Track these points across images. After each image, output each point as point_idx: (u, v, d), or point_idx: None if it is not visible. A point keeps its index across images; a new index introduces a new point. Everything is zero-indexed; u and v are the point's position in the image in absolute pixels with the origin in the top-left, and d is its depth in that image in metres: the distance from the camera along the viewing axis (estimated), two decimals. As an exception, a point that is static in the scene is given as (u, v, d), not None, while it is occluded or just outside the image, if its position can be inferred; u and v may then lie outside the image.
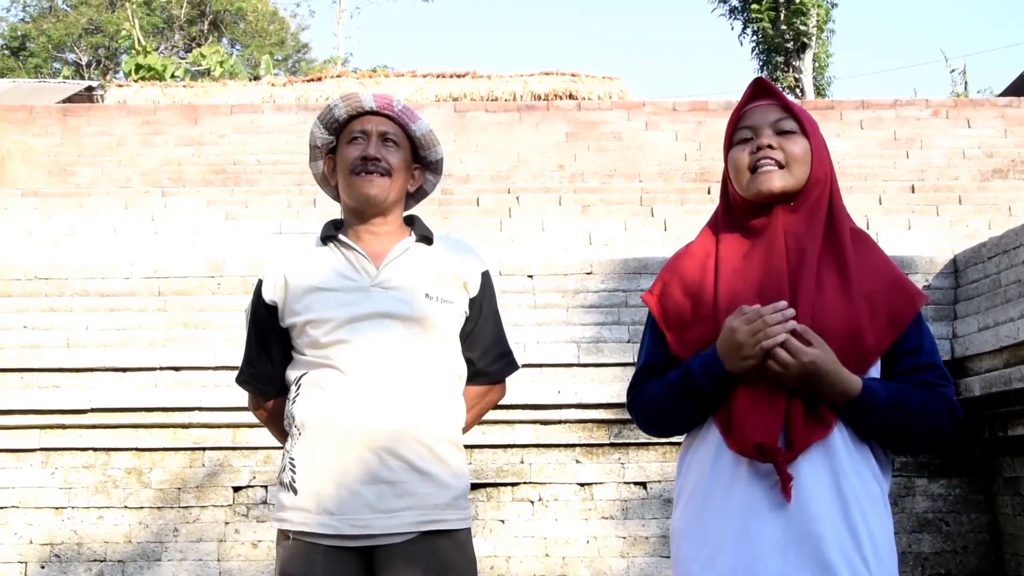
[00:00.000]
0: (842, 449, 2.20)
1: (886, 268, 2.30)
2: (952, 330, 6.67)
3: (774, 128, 2.34)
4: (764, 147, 2.32)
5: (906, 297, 2.27)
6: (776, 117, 2.36)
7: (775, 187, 2.29)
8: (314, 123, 2.85)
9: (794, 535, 2.16)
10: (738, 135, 2.39)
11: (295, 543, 2.64)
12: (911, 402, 2.21)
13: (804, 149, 2.32)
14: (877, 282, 2.27)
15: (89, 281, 7.02)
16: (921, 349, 2.29)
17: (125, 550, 6.52)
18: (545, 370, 6.62)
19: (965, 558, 6.57)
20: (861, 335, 2.22)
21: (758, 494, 2.20)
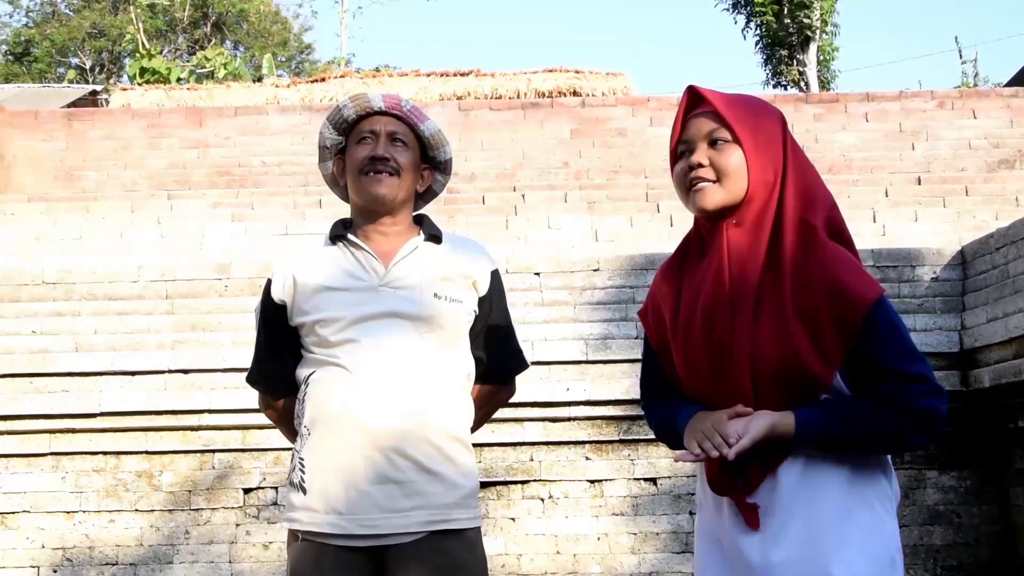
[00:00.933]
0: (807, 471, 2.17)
1: (824, 276, 2.14)
2: (961, 322, 6.66)
3: (707, 140, 2.24)
4: (694, 165, 2.23)
5: (847, 306, 2.11)
6: (709, 128, 2.24)
7: (708, 205, 2.22)
8: (323, 123, 2.85)
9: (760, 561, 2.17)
10: (678, 149, 2.31)
11: (305, 543, 2.65)
12: (861, 422, 2.12)
13: (738, 160, 2.21)
14: (816, 295, 2.14)
15: (97, 285, 7.03)
16: (877, 357, 2.14)
17: (136, 553, 6.53)
18: (553, 367, 6.62)
19: (977, 550, 6.56)
20: (800, 365, 2.13)
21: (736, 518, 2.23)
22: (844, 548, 2.13)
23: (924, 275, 6.90)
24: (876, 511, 2.20)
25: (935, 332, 6.64)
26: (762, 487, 2.18)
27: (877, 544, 2.17)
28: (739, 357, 2.17)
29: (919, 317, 6.70)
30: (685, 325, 2.27)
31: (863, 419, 2.13)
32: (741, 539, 2.20)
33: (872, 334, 2.13)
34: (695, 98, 2.30)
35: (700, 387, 2.28)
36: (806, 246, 2.18)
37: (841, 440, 2.14)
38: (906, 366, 2.15)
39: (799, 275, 2.16)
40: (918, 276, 6.90)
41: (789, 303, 2.15)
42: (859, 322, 2.12)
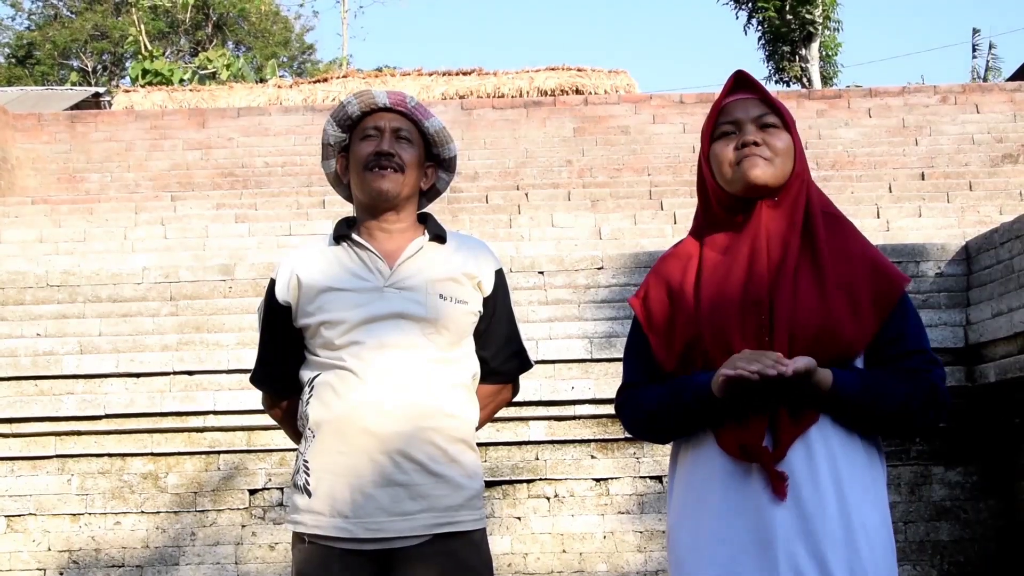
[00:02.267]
0: (829, 441, 2.20)
1: (864, 254, 2.27)
2: (965, 317, 6.64)
3: (757, 123, 2.33)
4: (749, 143, 2.30)
5: (887, 282, 2.24)
6: (758, 112, 2.34)
7: (760, 177, 2.28)
8: (327, 121, 2.84)
9: (787, 532, 2.16)
10: (719, 129, 2.37)
11: (311, 546, 2.64)
12: (889, 392, 2.20)
13: (787, 144, 2.32)
14: (855, 270, 2.24)
15: (101, 287, 7.04)
16: (905, 336, 2.25)
17: (143, 555, 6.53)
18: (558, 366, 6.61)
19: (984, 545, 6.55)
20: (839, 330, 2.20)
21: (750, 493, 2.20)
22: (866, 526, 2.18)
23: (928, 271, 6.89)
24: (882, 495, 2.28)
25: (940, 328, 6.62)
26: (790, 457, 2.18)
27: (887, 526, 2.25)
28: (780, 322, 2.21)
29: (924, 313, 6.68)
30: (710, 304, 2.29)
31: (893, 388, 2.20)
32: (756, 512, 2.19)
33: (904, 313, 2.26)
34: (740, 83, 2.40)
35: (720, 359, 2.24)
36: (837, 230, 2.30)
37: (869, 406, 2.19)
38: (929, 349, 2.29)
39: (837, 252, 2.26)
40: (922, 272, 6.89)
41: (829, 275, 2.23)
42: (895, 300, 2.24)
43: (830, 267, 2.23)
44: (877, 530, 2.20)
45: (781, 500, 2.17)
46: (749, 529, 2.19)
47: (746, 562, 2.18)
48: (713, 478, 2.27)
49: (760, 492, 2.19)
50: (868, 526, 2.18)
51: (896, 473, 6.56)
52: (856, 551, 2.15)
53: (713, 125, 2.38)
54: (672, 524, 2.37)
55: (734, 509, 2.22)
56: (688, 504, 2.33)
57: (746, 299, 2.25)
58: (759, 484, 2.19)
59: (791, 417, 2.18)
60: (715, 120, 2.38)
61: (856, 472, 2.21)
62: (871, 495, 2.22)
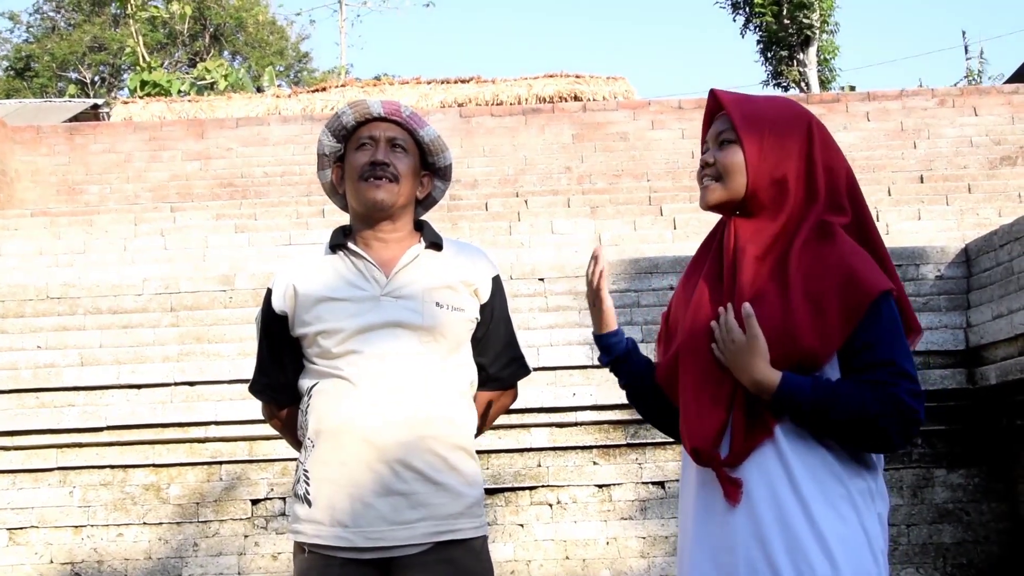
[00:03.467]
0: (791, 450, 2.19)
1: (840, 264, 2.20)
2: (966, 319, 6.64)
3: (716, 141, 2.38)
4: (703, 165, 2.39)
5: (857, 292, 2.18)
6: (720, 129, 2.37)
7: (709, 201, 2.36)
8: (322, 131, 2.84)
9: (744, 537, 2.18)
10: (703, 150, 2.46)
11: (311, 556, 2.64)
12: (845, 401, 2.14)
13: (735, 158, 2.31)
14: (826, 281, 2.19)
15: (101, 299, 7.04)
16: (874, 346, 2.18)
17: (145, 566, 6.53)
18: (559, 373, 6.61)
19: (987, 548, 6.54)
20: (797, 337, 2.18)
21: (717, 497, 2.24)
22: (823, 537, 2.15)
23: (928, 273, 6.89)
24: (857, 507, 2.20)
25: (940, 330, 6.62)
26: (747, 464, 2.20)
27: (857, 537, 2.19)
28: None
29: (924, 316, 6.69)
30: (694, 306, 2.35)
31: (849, 398, 2.15)
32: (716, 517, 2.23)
33: (873, 323, 2.19)
34: (713, 100, 2.41)
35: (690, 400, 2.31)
36: (823, 239, 2.24)
37: (822, 413, 2.16)
38: (899, 360, 2.19)
39: (812, 264, 2.22)
40: (922, 275, 6.89)
41: (796, 286, 2.20)
42: (865, 308, 2.18)
43: (799, 276, 2.21)
44: (844, 540, 2.15)
45: (733, 505, 2.19)
46: (715, 533, 2.23)
47: (711, 567, 2.22)
48: (690, 483, 2.34)
49: (722, 497, 2.23)
50: (828, 535, 2.14)
51: (898, 476, 6.55)
52: (807, 560, 2.12)
53: None
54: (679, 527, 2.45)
55: (703, 514, 2.27)
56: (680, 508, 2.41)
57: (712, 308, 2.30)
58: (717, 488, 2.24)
59: (747, 425, 2.20)
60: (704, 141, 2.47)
61: (820, 482, 2.18)
62: (839, 506, 2.17)
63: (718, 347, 2.24)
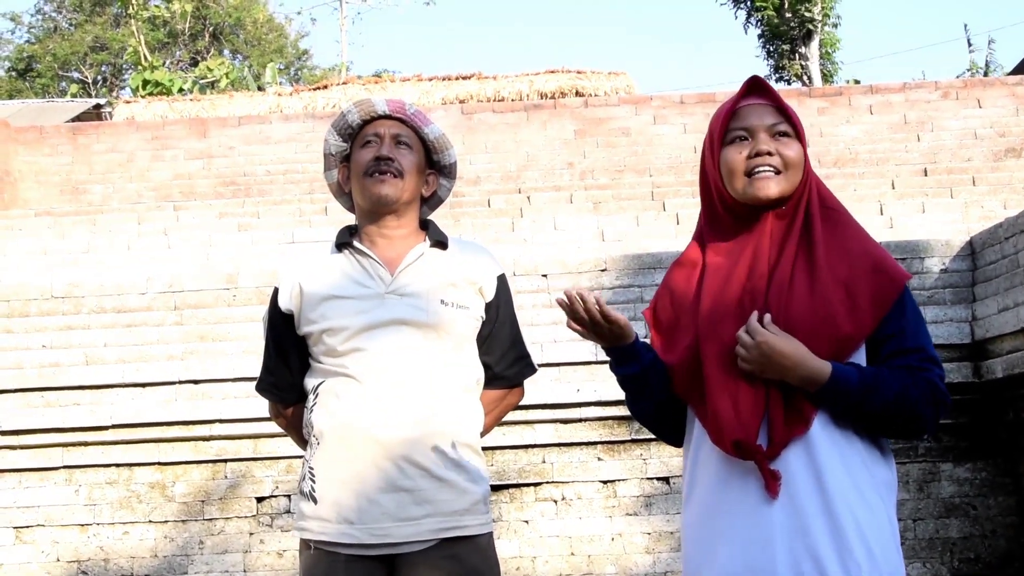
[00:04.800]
0: (826, 440, 2.19)
1: (864, 251, 2.24)
2: (971, 312, 6.63)
3: (770, 132, 2.30)
4: (763, 153, 2.28)
5: (886, 279, 2.21)
6: (773, 120, 2.31)
7: (772, 194, 2.27)
8: (328, 131, 2.85)
9: (784, 530, 2.16)
10: (731, 134, 2.33)
11: (317, 552, 2.65)
12: (887, 387, 2.17)
13: (799, 153, 2.29)
14: (855, 267, 2.22)
15: (105, 298, 7.04)
16: (904, 332, 2.22)
17: (151, 564, 6.53)
18: (563, 369, 6.61)
19: (994, 541, 6.53)
20: (834, 324, 2.19)
21: (749, 490, 2.21)
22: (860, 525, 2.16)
23: (933, 267, 6.88)
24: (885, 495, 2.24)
25: (946, 324, 6.61)
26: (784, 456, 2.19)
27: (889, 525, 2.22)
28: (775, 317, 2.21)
29: (929, 309, 6.67)
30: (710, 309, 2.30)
31: (891, 384, 2.18)
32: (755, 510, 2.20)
33: (902, 310, 2.24)
34: (755, 87, 2.36)
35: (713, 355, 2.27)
36: (837, 227, 2.29)
37: (866, 399, 2.17)
38: (927, 347, 2.25)
39: (836, 250, 2.25)
40: (927, 268, 6.88)
41: (826, 272, 2.22)
42: (893, 297, 2.22)
43: (828, 265, 2.22)
44: (877, 530, 2.17)
45: (774, 498, 2.17)
46: (747, 527, 2.20)
47: (745, 561, 2.19)
48: (711, 477, 2.29)
49: (755, 490, 2.20)
50: (863, 525, 2.15)
51: (905, 470, 6.54)
52: (849, 551, 2.13)
53: (725, 129, 2.34)
54: (682, 523, 2.40)
55: (732, 508, 2.23)
56: (692, 503, 2.35)
57: (743, 298, 2.26)
58: (754, 483, 2.20)
59: (786, 416, 2.19)
60: (727, 124, 2.34)
61: (853, 473, 2.19)
62: (869, 496, 2.19)
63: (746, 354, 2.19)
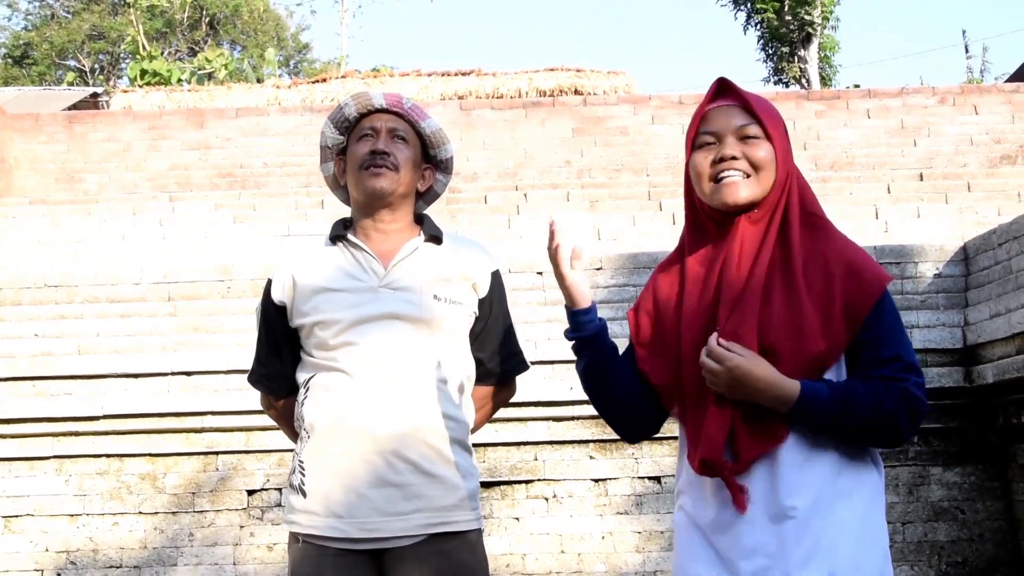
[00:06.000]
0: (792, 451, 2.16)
1: (840, 259, 2.18)
2: (964, 318, 6.64)
3: (737, 134, 2.23)
4: (727, 157, 2.22)
5: (862, 287, 2.16)
6: (740, 123, 2.24)
7: (740, 199, 2.21)
8: (324, 123, 2.85)
9: (758, 542, 2.15)
10: (700, 139, 2.28)
11: (305, 546, 2.65)
12: (860, 403, 2.13)
13: (768, 154, 2.22)
14: (831, 275, 2.17)
15: (99, 288, 7.03)
16: (880, 340, 2.17)
17: (141, 555, 6.53)
18: (557, 367, 6.61)
19: (982, 546, 6.55)
20: (811, 340, 2.15)
21: (720, 505, 2.21)
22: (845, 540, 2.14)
23: (927, 271, 6.89)
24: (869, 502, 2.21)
25: (938, 328, 6.62)
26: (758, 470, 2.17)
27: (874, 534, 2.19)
28: (748, 335, 2.16)
29: (922, 313, 6.69)
30: (688, 320, 2.27)
31: (864, 397, 2.13)
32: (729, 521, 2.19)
33: (879, 318, 2.18)
34: (722, 89, 2.30)
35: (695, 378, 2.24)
36: (816, 232, 2.23)
37: (840, 417, 2.13)
38: (904, 354, 2.19)
39: (812, 258, 2.19)
40: (921, 272, 6.89)
41: (801, 285, 2.17)
42: (871, 304, 2.16)
43: (804, 275, 2.18)
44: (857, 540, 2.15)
45: (741, 513, 2.16)
46: (720, 543, 2.20)
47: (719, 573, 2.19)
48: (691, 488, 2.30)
49: (727, 504, 2.19)
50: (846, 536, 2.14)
51: (894, 474, 6.56)
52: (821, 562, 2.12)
53: (695, 134, 2.30)
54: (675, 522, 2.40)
55: (709, 522, 2.23)
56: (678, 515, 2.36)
57: (717, 310, 2.22)
58: (725, 496, 2.19)
59: (753, 432, 2.16)
60: (696, 128, 2.29)
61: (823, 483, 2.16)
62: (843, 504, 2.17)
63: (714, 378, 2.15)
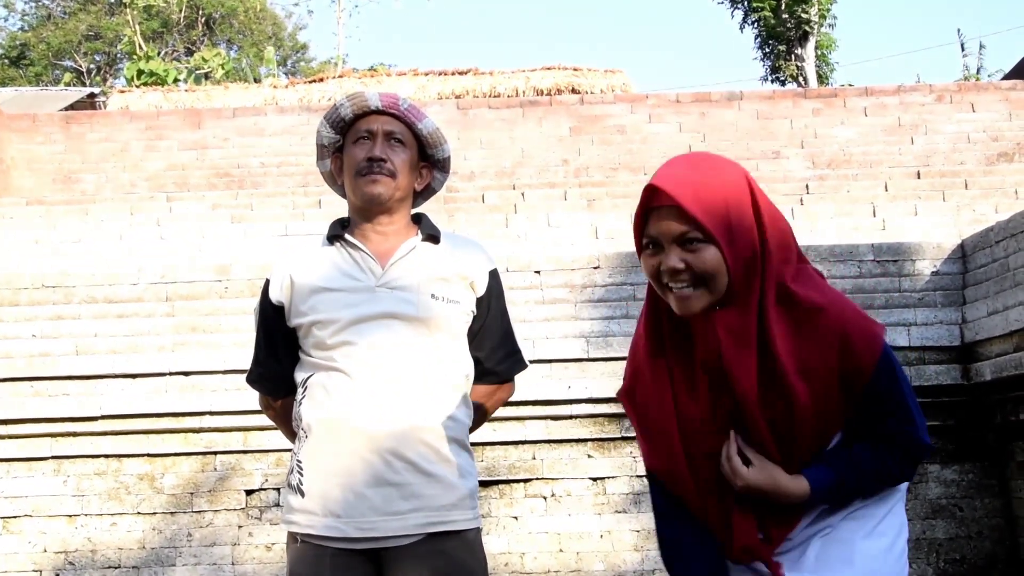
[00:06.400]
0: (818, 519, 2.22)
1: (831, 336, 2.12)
2: (961, 315, 6.65)
3: (678, 242, 2.10)
4: (671, 271, 2.10)
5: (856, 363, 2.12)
6: (679, 230, 2.08)
7: (695, 310, 2.12)
8: (320, 122, 2.85)
9: None
10: (644, 240, 2.17)
11: (304, 545, 2.65)
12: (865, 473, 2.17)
13: (714, 258, 2.09)
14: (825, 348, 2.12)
15: (96, 288, 7.02)
16: (883, 397, 2.16)
17: (139, 556, 6.53)
18: (554, 365, 6.61)
19: (980, 543, 6.56)
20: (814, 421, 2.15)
21: None
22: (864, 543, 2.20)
23: (924, 269, 6.89)
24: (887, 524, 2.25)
25: (936, 326, 6.63)
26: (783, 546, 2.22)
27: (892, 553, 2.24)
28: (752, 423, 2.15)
29: (919, 311, 6.69)
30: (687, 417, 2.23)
31: (868, 468, 2.18)
32: None
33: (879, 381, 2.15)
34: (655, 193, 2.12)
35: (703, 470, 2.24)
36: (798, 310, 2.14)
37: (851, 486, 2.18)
38: (906, 403, 2.19)
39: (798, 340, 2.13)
40: (918, 270, 6.89)
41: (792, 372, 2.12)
42: (868, 377, 2.13)
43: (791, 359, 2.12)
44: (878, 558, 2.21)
45: None
46: None
47: None
48: None
49: None
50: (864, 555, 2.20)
51: (892, 471, 6.56)
52: None
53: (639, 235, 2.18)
54: None
55: None
56: None
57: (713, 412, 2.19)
58: None
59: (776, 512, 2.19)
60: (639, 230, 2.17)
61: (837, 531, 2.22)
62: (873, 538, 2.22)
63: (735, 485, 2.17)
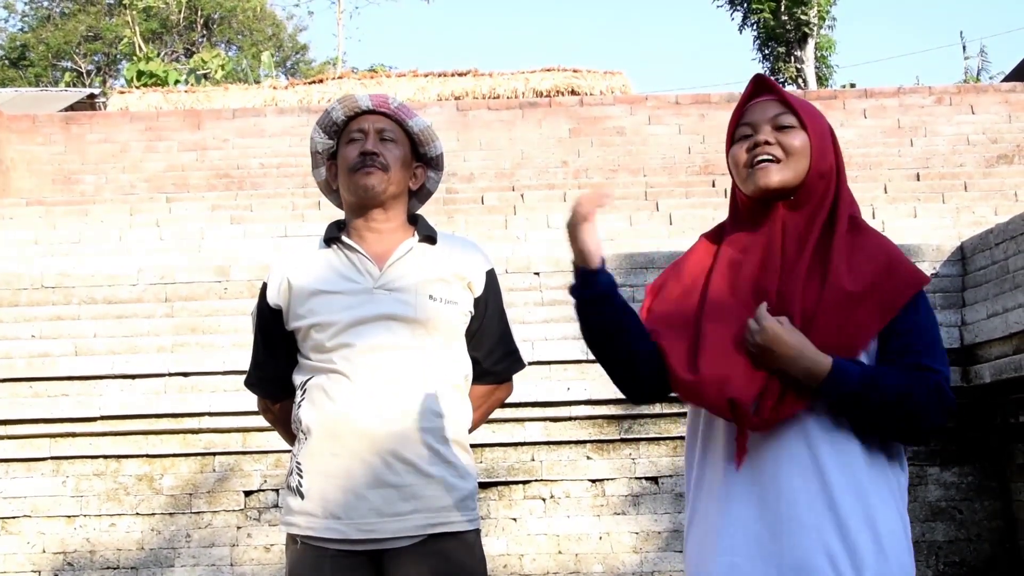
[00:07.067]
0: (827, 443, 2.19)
1: (882, 255, 2.26)
2: (961, 317, 6.65)
3: (772, 124, 2.33)
4: (761, 143, 2.31)
5: (898, 282, 2.23)
6: (774, 112, 2.34)
7: (772, 182, 2.29)
8: (313, 129, 2.86)
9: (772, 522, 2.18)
10: (738, 132, 2.39)
11: (303, 547, 2.66)
12: (890, 385, 2.16)
13: (803, 142, 2.30)
14: (871, 270, 2.23)
15: (96, 289, 7.02)
16: (914, 332, 2.23)
17: (138, 557, 6.52)
18: (554, 367, 6.61)
19: (980, 546, 6.55)
20: (847, 325, 2.20)
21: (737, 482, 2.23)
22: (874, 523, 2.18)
23: (924, 271, 6.89)
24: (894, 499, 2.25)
25: (935, 328, 6.62)
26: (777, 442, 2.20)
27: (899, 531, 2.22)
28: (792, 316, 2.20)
29: (919, 313, 6.69)
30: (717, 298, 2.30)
31: (893, 380, 2.17)
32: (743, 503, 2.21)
33: (914, 312, 2.24)
34: (759, 86, 2.40)
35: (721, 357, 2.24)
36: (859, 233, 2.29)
37: (868, 397, 2.16)
38: (937, 350, 2.25)
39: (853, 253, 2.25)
40: (918, 272, 6.89)
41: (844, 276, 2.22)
42: (903, 300, 2.22)
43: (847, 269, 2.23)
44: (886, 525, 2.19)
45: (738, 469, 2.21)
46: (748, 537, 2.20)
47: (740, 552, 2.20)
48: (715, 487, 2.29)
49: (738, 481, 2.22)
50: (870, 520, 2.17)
51: (892, 474, 6.56)
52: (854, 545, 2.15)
53: (734, 128, 2.41)
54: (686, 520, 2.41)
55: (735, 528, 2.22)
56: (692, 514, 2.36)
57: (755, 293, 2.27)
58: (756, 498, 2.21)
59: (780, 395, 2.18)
60: (736, 123, 2.41)
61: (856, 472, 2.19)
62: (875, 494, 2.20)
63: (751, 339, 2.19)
